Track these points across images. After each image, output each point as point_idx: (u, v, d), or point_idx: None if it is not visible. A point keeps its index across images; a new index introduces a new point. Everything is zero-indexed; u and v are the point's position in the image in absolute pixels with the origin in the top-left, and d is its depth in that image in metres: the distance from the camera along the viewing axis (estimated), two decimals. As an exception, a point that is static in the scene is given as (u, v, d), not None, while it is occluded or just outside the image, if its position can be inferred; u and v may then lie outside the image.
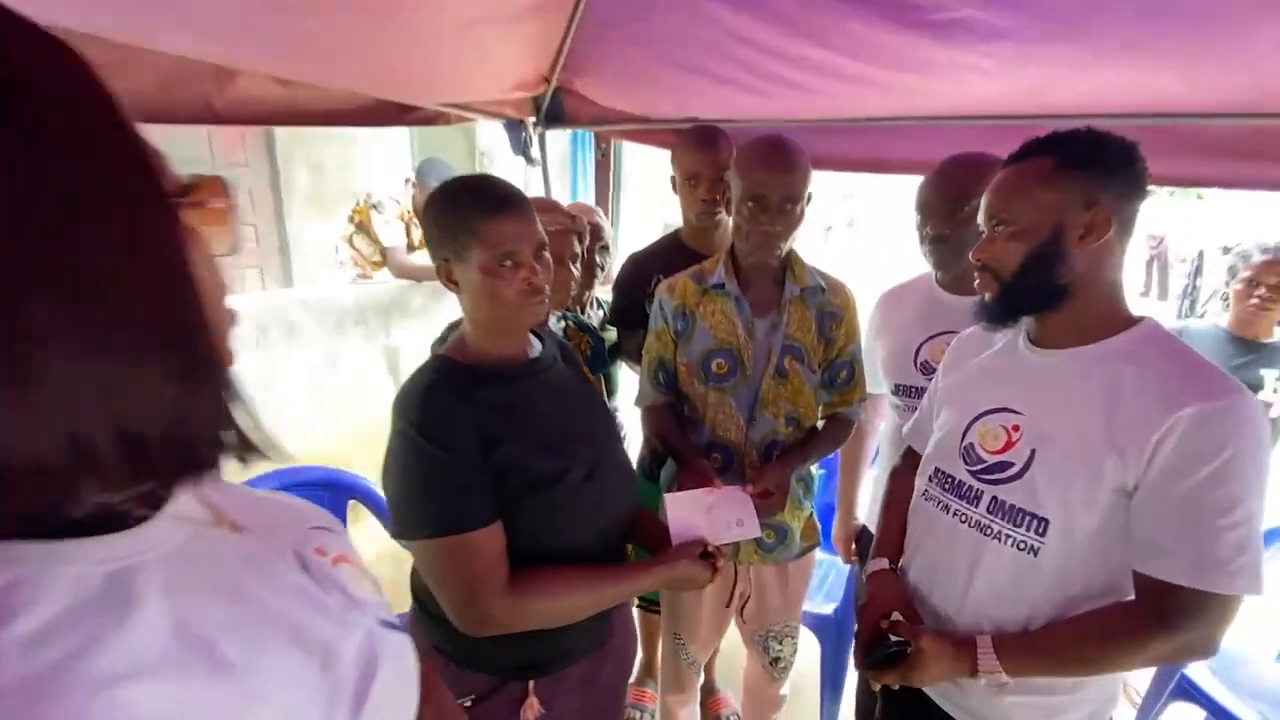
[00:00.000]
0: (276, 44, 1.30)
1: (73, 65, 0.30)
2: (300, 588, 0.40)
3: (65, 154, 0.27)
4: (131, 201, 0.30)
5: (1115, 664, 0.79)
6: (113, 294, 0.28)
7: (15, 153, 0.26)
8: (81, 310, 0.27)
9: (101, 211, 0.29)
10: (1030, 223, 0.81)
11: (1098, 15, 1.26)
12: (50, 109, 0.28)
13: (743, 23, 1.59)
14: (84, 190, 0.28)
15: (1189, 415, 0.71)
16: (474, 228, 0.82)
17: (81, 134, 0.29)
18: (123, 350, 0.29)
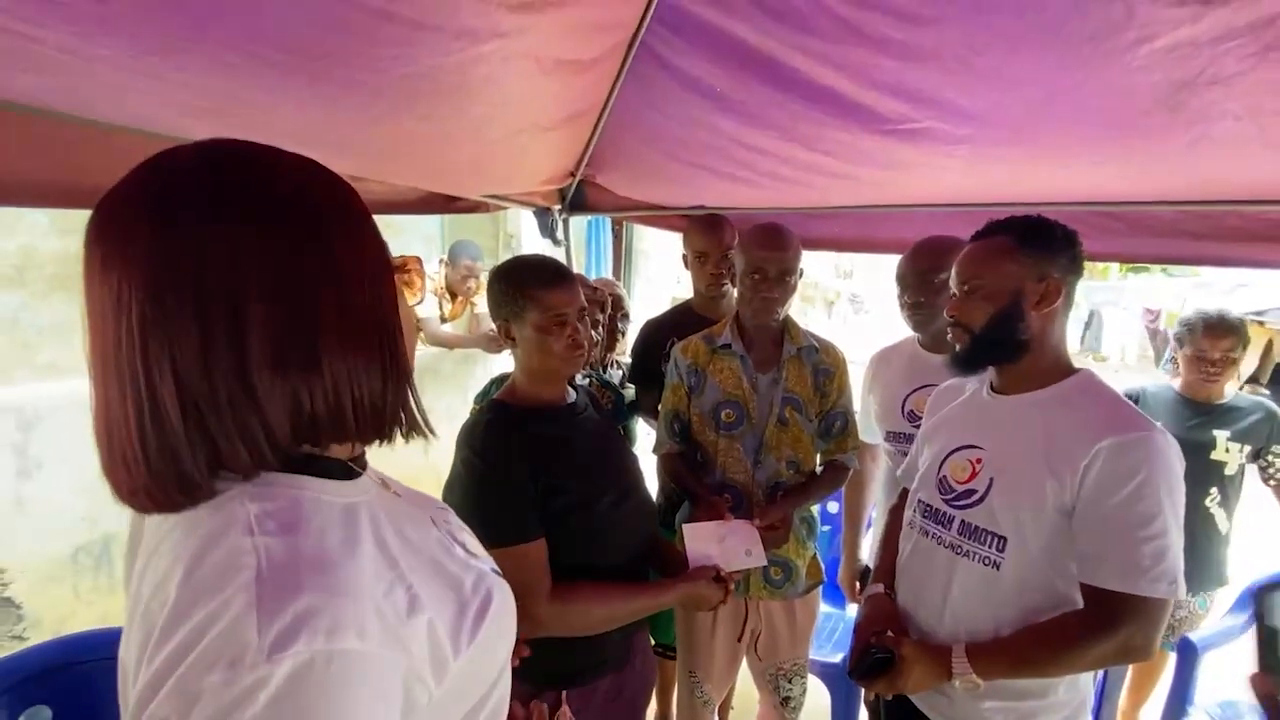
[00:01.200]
0: (358, 151, 1.58)
1: (330, 182, 0.50)
2: (438, 539, 0.57)
3: (331, 244, 0.47)
4: (372, 272, 0.50)
5: (1069, 664, 0.91)
6: (361, 324, 0.48)
7: (292, 245, 0.45)
8: (346, 331, 0.47)
9: (355, 277, 0.48)
10: (996, 288, 0.99)
11: (1034, 127, 1.51)
12: (316, 213, 0.47)
13: (741, 130, 1.87)
14: (342, 264, 0.47)
15: (1108, 445, 0.88)
16: (532, 295, 1.04)
17: (339, 230, 0.48)
18: (363, 355, 0.48)
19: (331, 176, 0.51)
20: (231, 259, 0.43)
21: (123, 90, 1.06)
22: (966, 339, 1.02)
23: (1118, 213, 1.87)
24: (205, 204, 0.43)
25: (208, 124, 1.28)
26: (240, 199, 0.45)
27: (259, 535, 0.42)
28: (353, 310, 0.48)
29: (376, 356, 0.49)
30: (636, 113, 2.06)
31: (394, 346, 0.51)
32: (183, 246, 0.42)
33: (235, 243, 0.43)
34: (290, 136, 1.41)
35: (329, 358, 0.46)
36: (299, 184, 0.48)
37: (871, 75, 1.50)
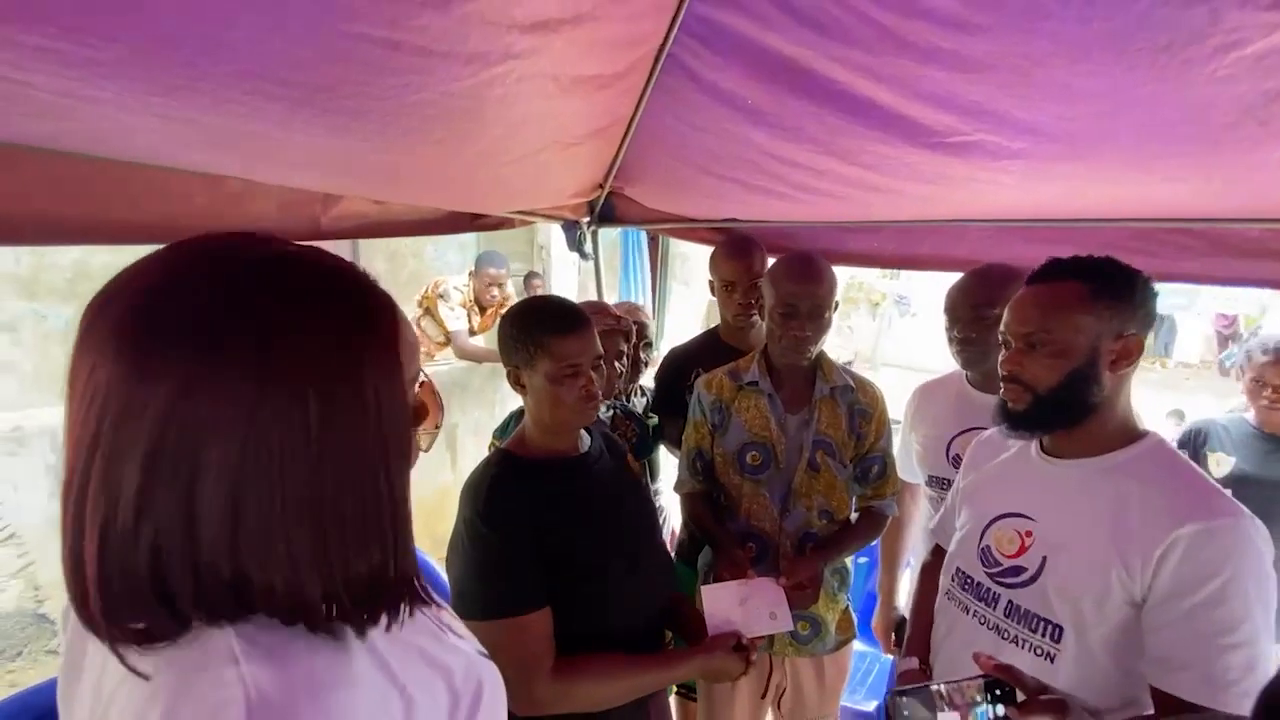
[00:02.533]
0: (374, 177, 1.55)
1: (357, 312, 0.44)
2: (425, 625, 0.52)
3: (340, 410, 0.41)
4: (381, 444, 0.44)
5: None
6: (354, 505, 0.43)
7: (281, 412, 0.39)
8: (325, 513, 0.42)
9: (360, 456, 0.43)
10: (1069, 344, 0.86)
11: (1099, 142, 1.36)
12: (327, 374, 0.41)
13: (775, 143, 1.77)
14: (349, 436, 0.42)
15: (1189, 534, 0.75)
16: (543, 343, 0.97)
17: (352, 387, 0.42)
18: (350, 539, 0.43)
19: (357, 306, 0.44)
20: (194, 416, 0.38)
21: (130, 130, 1.05)
22: (1028, 399, 0.90)
23: (1196, 230, 1.69)
24: (188, 342, 0.38)
25: (222, 157, 1.26)
26: (218, 344, 0.38)
27: (244, 665, 0.39)
28: (336, 491, 0.41)
29: (372, 539, 0.43)
30: (665, 126, 1.97)
31: (398, 524, 0.45)
32: (148, 390, 0.37)
33: (203, 400, 0.38)
34: (304, 165, 1.39)
35: (292, 543, 0.40)
36: (303, 322, 0.41)
37: (917, 87, 1.38)
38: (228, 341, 0.38)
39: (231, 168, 1.33)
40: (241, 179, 1.42)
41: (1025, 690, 0.68)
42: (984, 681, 0.70)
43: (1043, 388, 0.88)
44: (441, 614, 0.57)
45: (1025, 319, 0.90)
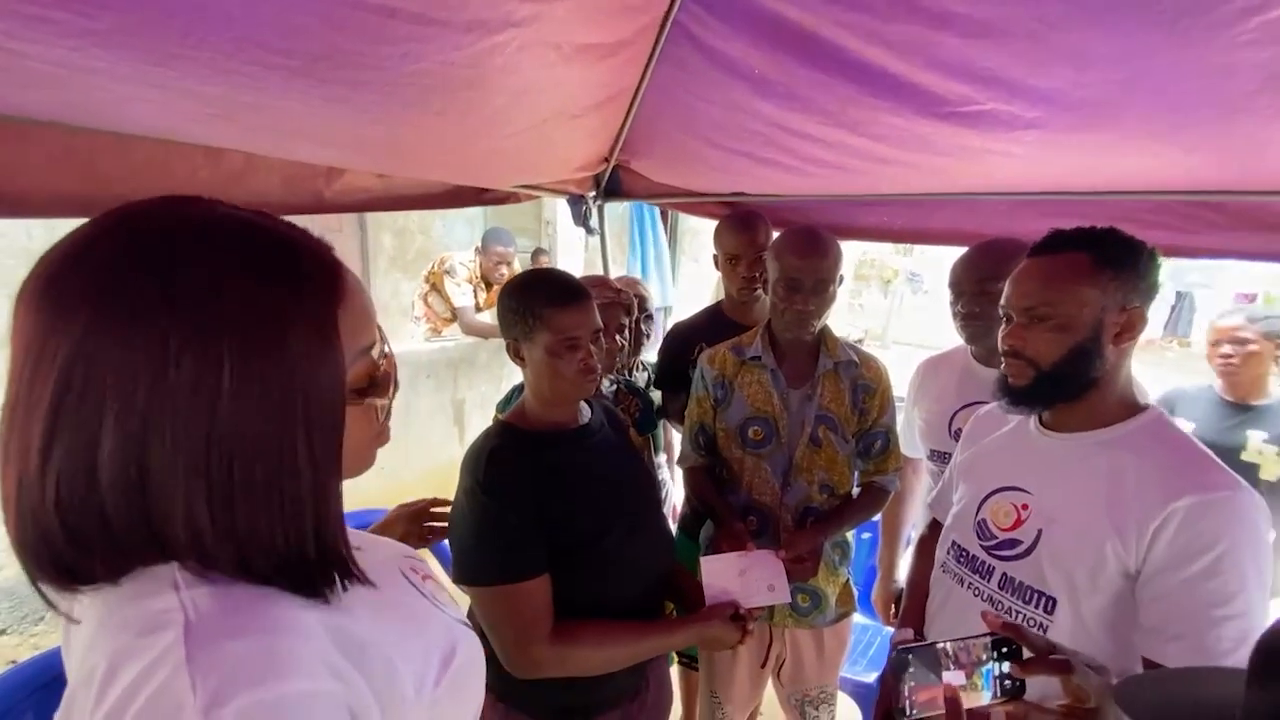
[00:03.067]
0: (376, 149, 1.54)
1: (284, 278, 0.42)
2: (404, 587, 0.54)
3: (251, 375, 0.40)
4: (305, 412, 0.42)
5: None
6: (271, 476, 0.41)
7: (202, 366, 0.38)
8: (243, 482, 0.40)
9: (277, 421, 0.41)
10: (1073, 317, 0.83)
11: (1116, 110, 1.32)
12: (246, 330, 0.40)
13: (783, 114, 1.73)
14: (264, 405, 0.40)
15: (1185, 506, 0.75)
16: (542, 315, 0.97)
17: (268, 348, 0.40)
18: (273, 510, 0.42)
19: (289, 270, 0.42)
20: (96, 373, 0.37)
21: (127, 100, 1.04)
22: (1030, 374, 0.88)
23: (1217, 203, 1.64)
24: (76, 304, 0.37)
25: (222, 130, 1.26)
26: (120, 300, 0.38)
27: (184, 590, 0.39)
28: (246, 460, 0.40)
29: (285, 513, 0.41)
30: (671, 96, 1.94)
31: (318, 502, 0.43)
32: (52, 350, 0.37)
33: (106, 357, 0.37)
34: (303, 137, 1.38)
35: (193, 509, 0.39)
36: (213, 283, 0.39)
37: (929, 54, 1.34)
38: (131, 292, 0.37)
39: (233, 140, 1.33)
40: (244, 153, 1.41)
41: (1032, 648, 0.68)
42: (991, 640, 0.69)
43: (1045, 363, 0.86)
44: (427, 586, 0.58)
45: (1027, 292, 0.88)
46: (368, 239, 4.52)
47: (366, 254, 4.56)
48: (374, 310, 0.48)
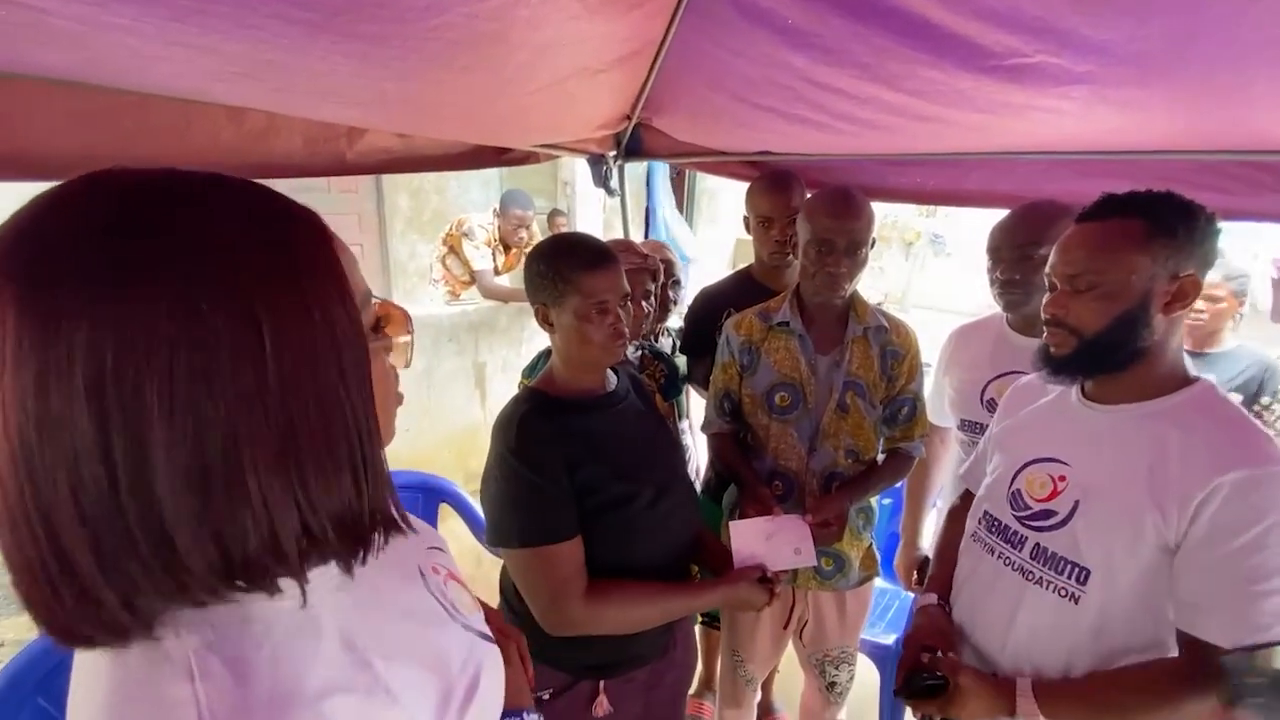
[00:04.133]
0: (398, 107, 1.50)
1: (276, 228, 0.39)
2: (424, 604, 0.51)
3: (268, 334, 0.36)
4: (328, 359, 0.39)
5: (1155, 717, 0.81)
6: (315, 432, 0.38)
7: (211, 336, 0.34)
8: (290, 444, 0.37)
9: (306, 373, 0.38)
10: (1121, 286, 0.80)
11: (1173, 64, 1.24)
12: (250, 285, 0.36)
13: (815, 68, 1.66)
14: (286, 359, 0.36)
15: (1231, 481, 0.73)
16: (572, 280, 0.96)
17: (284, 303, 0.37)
18: (319, 469, 0.39)
19: (298, 226, 0.39)
20: (129, 354, 0.32)
21: (149, 59, 1.02)
22: (1073, 343, 0.85)
23: (1270, 164, 1.56)
24: (89, 279, 0.32)
25: (242, 88, 1.23)
26: (138, 269, 0.33)
27: (200, 682, 0.36)
28: (303, 416, 0.37)
29: (343, 466, 0.39)
30: (698, 50, 1.86)
31: (365, 448, 0.41)
32: (67, 340, 0.32)
33: (135, 334, 0.32)
34: (325, 96, 1.35)
35: (262, 482, 0.36)
36: (255, 248, 0.36)
37: (976, 2, 1.27)
38: (144, 265, 0.33)
39: (255, 100, 1.30)
40: (266, 113, 1.39)
41: None
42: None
43: (1089, 331, 0.83)
44: (449, 590, 0.55)
45: (1074, 260, 0.84)
46: (384, 200, 4.49)
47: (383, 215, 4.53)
48: (355, 262, 0.45)
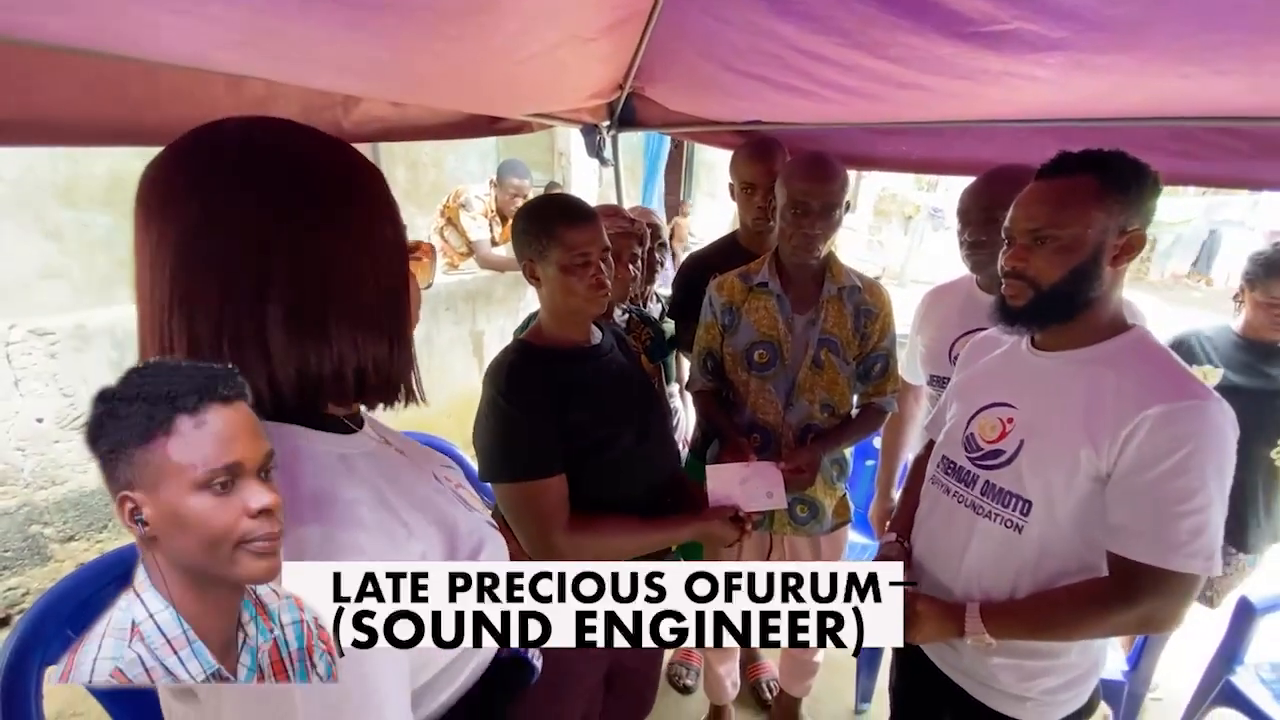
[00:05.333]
0: (396, 76, 1.55)
1: (356, 165, 0.54)
2: (437, 488, 0.61)
3: (349, 227, 0.53)
4: (387, 255, 0.55)
5: (1086, 631, 0.89)
6: (372, 302, 0.54)
7: (312, 224, 0.50)
8: (357, 307, 0.52)
9: (370, 259, 0.54)
10: (1077, 239, 0.85)
11: (1146, 30, 1.28)
12: (340, 196, 0.52)
13: (802, 36, 1.69)
14: (359, 246, 0.53)
15: (1154, 414, 0.80)
16: (555, 234, 1.02)
17: (359, 213, 0.53)
18: (371, 330, 0.53)
19: (358, 160, 0.55)
20: (256, 234, 0.48)
21: (155, 27, 1.07)
22: (1029, 294, 0.90)
23: (1241, 130, 1.60)
24: (237, 180, 0.48)
25: (242, 57, 1.28)
26: (269, 178, 0.49)
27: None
28: (365, 289, 0.53)
29: (384, 332, 0.54)
30: (687, 18, 1.89)
31: (401, 324, 0.56)
32: (211, 218, 0.47)
33: (261, 219, 0.48)
34: (322, 65, 1.40)
35: (339, 330, 0.51)
36: (327, 166, 0.52)
37: (952, -32, 1.30)
38: (263, 174, 0.49)
39: (256, 68, 1.35)
40: (265, 81, 1.43)
41: None
42: None
43: (1046, 283, 0.88)
44: (461, 489, 0.67)
45: (1033, 215, 0.89)
46: (382, 171, 4.51)
47: (382, 188, 4.55)
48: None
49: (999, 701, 0.99)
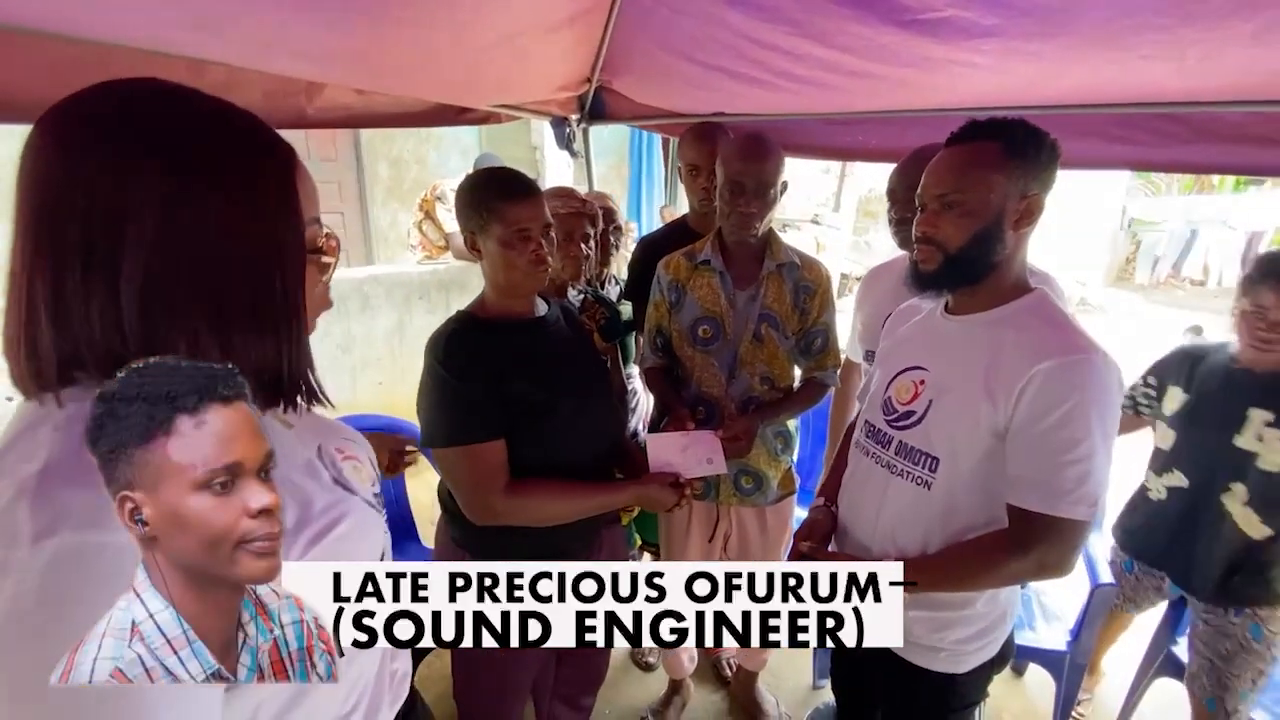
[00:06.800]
0: (354, 62, 1.58)
1: (251, 143, 0.51)
2: (308, 462, 0.60)
3: (225, 206, 0.48)
4: (272, 247, 0.51)
5: (988, 580, 0.94)
6: (253, 299, 0.50)
7: (178, 196, 0.46)
8: (232, 301, 0.49)
9: (252, 250, 0.50)
10: (981, 203, 0.89)
11: (1069, 16, 1.34)
12: (216, 171, 0.48)
13: (752, 25, 1.74)
14: (237, 232, 0.49)
15: (1044, 369, 0.85)
16: (495, 208, 1.05)
17: (237, 194, 0.49)
18: (249, 326, 0.50)
19: (246, 139, 0.51)
20: (107, 200, 0.44)
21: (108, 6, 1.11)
22: (939, 258, 0.94)
23: (1179, 115, 1.66)
24: (99, 136, 0.46)
25: (200, 39, 1.32)
26: (130, 143, 0.46)
27: (60, 430, 0.45)
28: (234, 275, 0.49)
29: (267, 331, 0.51)
30: (646, 9, 1.94)
31: (290, 324, 0.52)
32: (68, 175, 0.45)
33: (116, 184, 0.44)
34: (280, 49, 1.44)
35: (196, 315, 0.47)
36: (200, 137, 0.49)
37: (887, -42, 1.36)
38: (130, 134, 0.46)
39: (214, 52, 1.38)
40: (226, 66, 1.46)
41: None
42: None
43: (952, 246, 0.92)
44: (344, 466, 0.64)
45: (941, 180, 0.93)
46: (364, 170, 4.55)
47: (363, 184, 4.60)
48: (317, 193, 0.57)
49: (916, 654, 1.03)
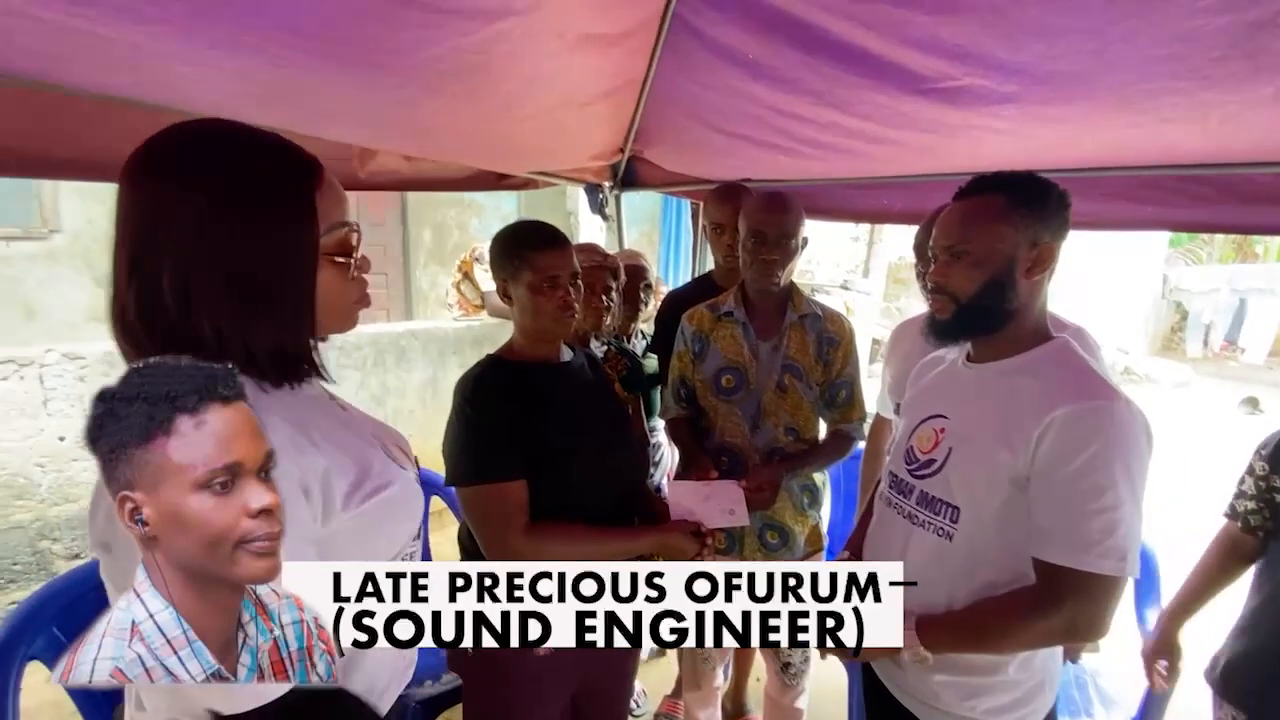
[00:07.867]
0: (403, 131, 1.73)
1: (282, 168, 0.59)
2: (370, 442, 0.67)
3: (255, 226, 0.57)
4: (292, 254, 0.58)
5: (1015, 641, 0.88)
6: (267, 294, 0.58)
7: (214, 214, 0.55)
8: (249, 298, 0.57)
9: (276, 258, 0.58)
10: (988, 253, 0.91)
11: (1087, 82, 1.38)
12: (256, 196, 0.56)
13: (775, 96, 1.84)
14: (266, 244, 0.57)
15: (1062, 415, 0.82)
16: (527, 256, 1.11)
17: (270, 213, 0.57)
18: (262, 315, 0.57)
19: (283, 159, 0.59)
20: (158, 216, 0.53)
21: (189, 80, 1.25)
22: (952, 308, 0.95)
23: (1206, 176, 1.66)
24: (153, 171, 0.54)
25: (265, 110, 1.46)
26: (180, 170, 0.54)
27: None
28: (261, 280, 0.56)
29: (274, 314, 0.57)
30: (676, 85, 2.07)
31: (295, 310, 0.59)
32: (127, 199, 0.54)
33: (163, 201, 0.53)
34: (338, 119, 1.58)
35: (206, 302, 0.54)
36: (240, 165, 0.57)
37: (903, 32, 1.43)
38: (187, 177, 0.55)
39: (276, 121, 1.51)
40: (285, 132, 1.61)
41: None
42: None
43: (964, 296, 0.93)
44: (397, 451, 0.71)
45: (949, 232, 0.95)
46: (409, 234, 4.83)
47: (407, 248, 4.86)
48: (346, 200, 0.64)
49: (945, 724, 0.96)
